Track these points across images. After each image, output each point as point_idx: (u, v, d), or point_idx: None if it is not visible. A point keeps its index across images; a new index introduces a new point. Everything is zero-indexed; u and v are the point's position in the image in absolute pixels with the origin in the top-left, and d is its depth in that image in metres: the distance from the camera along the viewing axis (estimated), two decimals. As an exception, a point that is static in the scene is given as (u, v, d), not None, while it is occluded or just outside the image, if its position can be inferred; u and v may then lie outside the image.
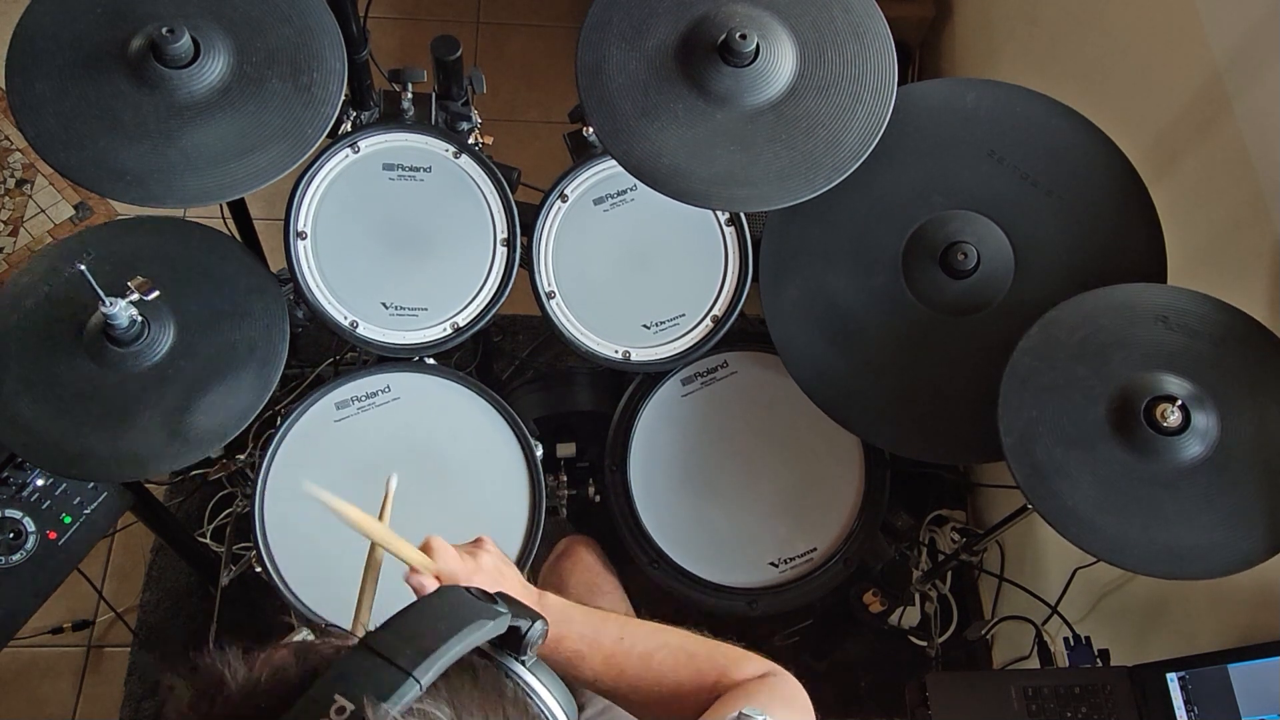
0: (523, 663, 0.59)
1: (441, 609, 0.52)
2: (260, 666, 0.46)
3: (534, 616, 0.60)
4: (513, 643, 0.59)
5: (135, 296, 1.16)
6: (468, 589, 0.55)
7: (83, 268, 1.08)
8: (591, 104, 1.17)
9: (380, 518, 0.95)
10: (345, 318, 1.40)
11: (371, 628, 0.50)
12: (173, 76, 1.13)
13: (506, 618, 0.55)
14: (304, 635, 1.14)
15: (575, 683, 0.86)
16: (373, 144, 1.42)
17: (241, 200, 1.66)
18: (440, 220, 1.43)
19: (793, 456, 1.51)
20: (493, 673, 0.53)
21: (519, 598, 0.85)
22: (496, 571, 0.88)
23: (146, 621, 1.93)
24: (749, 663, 0.85)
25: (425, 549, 0.86)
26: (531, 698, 0.57)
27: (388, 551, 0.83)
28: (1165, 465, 1.08)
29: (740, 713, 0.73)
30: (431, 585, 0.84)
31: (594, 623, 0.88)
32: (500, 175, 1.43)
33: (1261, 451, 1.09)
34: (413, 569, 0.83)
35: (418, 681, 0.45)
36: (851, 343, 1.34)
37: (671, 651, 0.86)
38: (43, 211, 2.33)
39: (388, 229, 1.42)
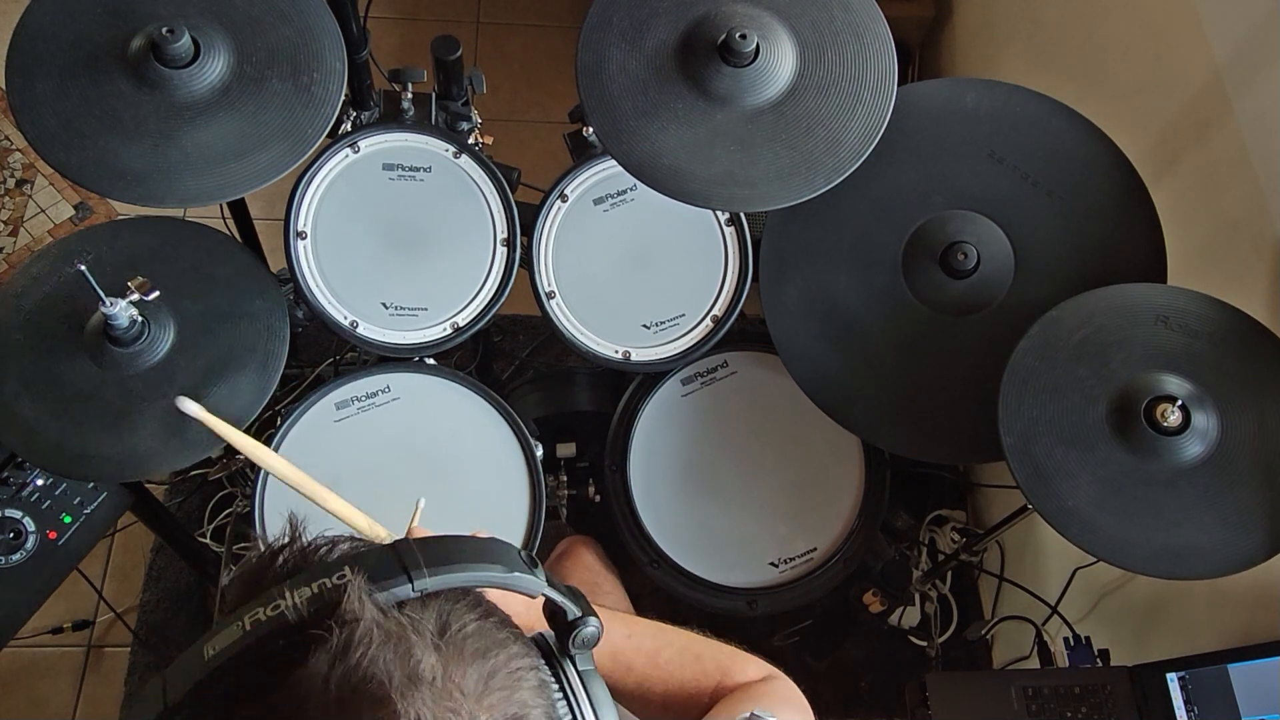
0: (572, 661, 0.56)
1: (476, 545, 0.52)
2: (313, 541, 0.50)
3: (588, 610, 0.58)
4: (564, 638, 0.57)
5: (135, 296, 1.16)
6: (519, 549, 0.54)
7: (82, 268, 1.08)
8: (591, 104, 1.17)
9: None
10: (345, 318, 1.40)
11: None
12: (173, 76, 1.13)
13: (540, 583, 0.54)
14: None
15: None
16: (373, 144, 1.42)
17: (241, 200, 1.66)
18: (440, 220, 1.43)
19: (793, 456, 1.51)
20: (525, 657, 0.51)
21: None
22: None
23: (146, 621, 1.92)
24: (750, 665, 0.85)
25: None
26: (570, 699, 0.54)
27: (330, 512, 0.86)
28: (1165, 465, 1.08)
29: (752, 714, 0.73)
30: None
31: (603, 618, 0.88)
32: (500, 175, 1.43)
33: (1261, 451, 1.09)
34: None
35: (412, 583, 0.47)
36: (851, 343, 1.34)
37: (677, 650, 0.86)
38: (43, 211, 2.33)
39: (388, 229, 1.42)
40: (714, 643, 0.88)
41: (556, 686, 0.53)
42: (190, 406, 0.78)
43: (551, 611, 0.58)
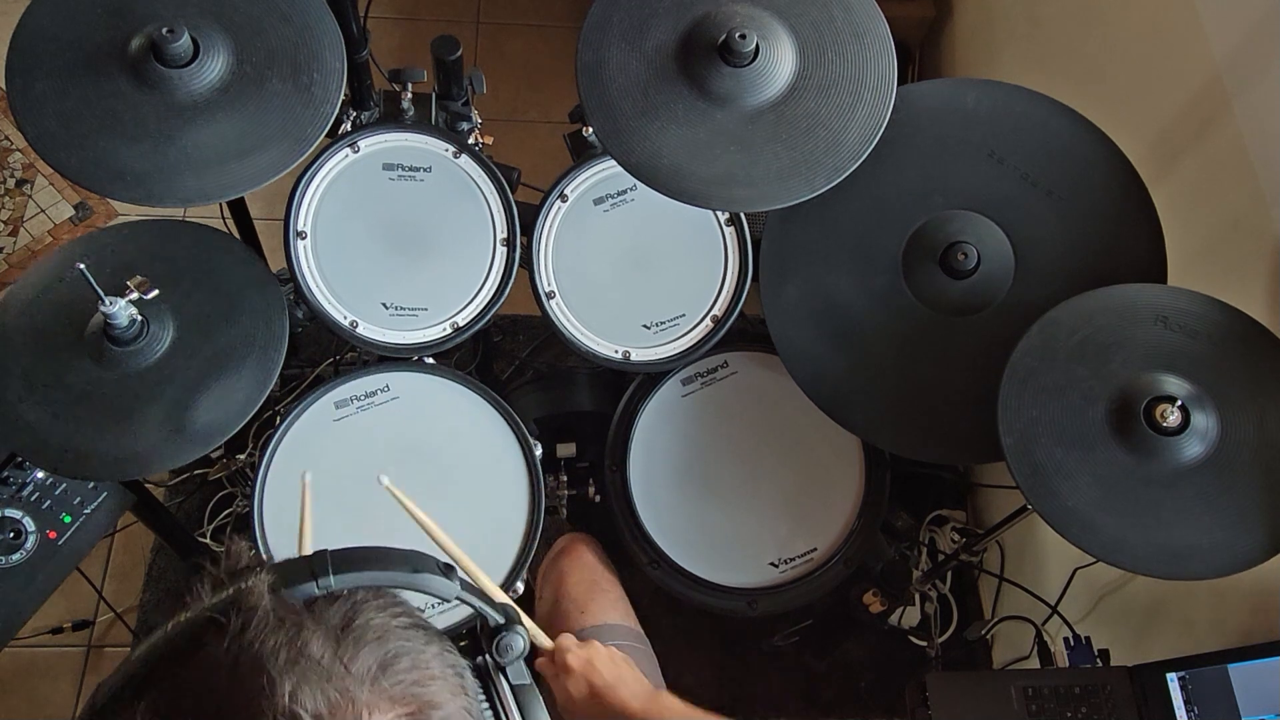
0: (498, 664, 0.59)
1: (392, 552, 0.55)
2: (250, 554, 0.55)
3: (514, 619, 0.61)
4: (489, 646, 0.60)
5: (135, 296, 1.16)
6: (437, 560, 0.57)
7: (82, 267, 1.08)
8: (591, 104, 1.17)
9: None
10: (345, 318, 1.40)
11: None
12: (173, 76, 1.13)
13: (451, 587, 0.57)
14: None
15: None
16: (373, 144, 1.42)
17: (241, 200, 1.66)
18: (440, 220, 1.43)
19: (793, 456, 1.51)
20: (442, 656, 0.52)
21: (633, 692, 0.93)
22: (611, 660, 0.95)
23: (146, 621, 1.92)
24: None
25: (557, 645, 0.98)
26: (496, 707, 0.57)
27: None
28: (1165, 465, 1.08)
29: None
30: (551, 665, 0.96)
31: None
32: (500, 175, 1.43)
33: (1261, 451, 1.09)
34: (538, 650, 0.95)
35: (316, 580, 0.51)
36: (851, 343, 1.34)
37: None
38: (43, 211, 2.33)
39: (388, 229, 1.42)
40: None
41: (483, 696, 0.56)
42: (387, 481, 0.84)
43: (482, 624, 0.61)
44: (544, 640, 0.98)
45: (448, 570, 0.57)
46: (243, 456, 1.89)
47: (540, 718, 0.58)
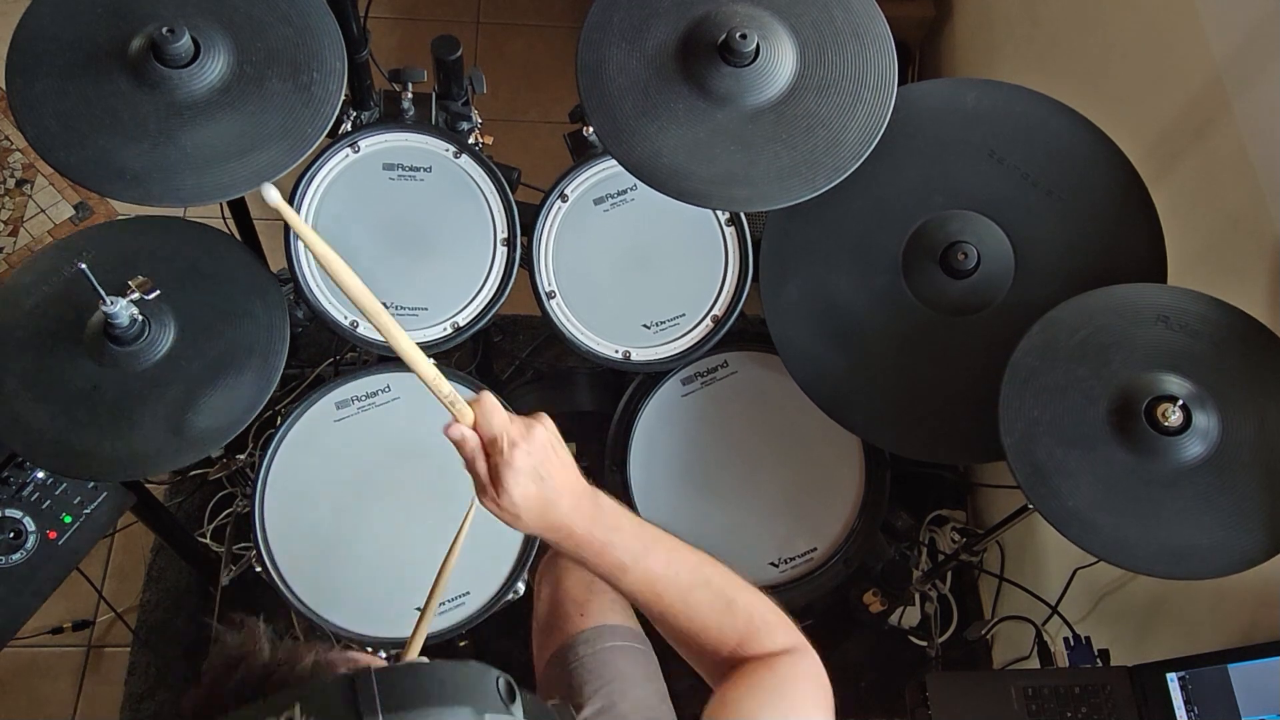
0: None
1: (445, 679, 0.48)
2: (279, 654, 0.48)
3: None
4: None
5: (136, 296, 1.16)
6: (497, 677, 0.50)
7: (83, 267, 1.08)
8: (591, 104, 1.17)
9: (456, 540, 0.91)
10: (345, 318, 1.40)
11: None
12: (173, 76, 1.13)
13: None
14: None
15: (615, 590, 0.84)
16: (373, 144, 1.42)
17: (241, 200, 1.67)
18: (440, 220, 1.43)
19: (793, 456, 1.51)
20: None
21: (570, 489, 0.83)
22: (549, 449, 0.82)
23: (146, 621, 1.92)
24: (779, 631, 0.82)
25: (475, 405, 0.82)
26: None
27: (424, 381, 0.79)
28: (1166, 465, 1.08)
29: None
30: (470, 439, 0.80)
31: (644, 540, 0.85)
32: (500, 175, 1.43)
33: (1261, 451, 1.09)
34: (454, 419, 0.80)
35: None
36: (851, 343, 1.34)
37: (711, 593, 0.83)
38: (43, 211, 2.33)
39: (388, 229, 1.42)
40: (751, 595, 0.84)
41: None
42: (272, 195, 0.73)
43: None
44: (464, 410, 0.82)
45: (508, 693, 0.50)
46: (243, 456, 1.89)
47: None
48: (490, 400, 0.83)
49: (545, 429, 0.83)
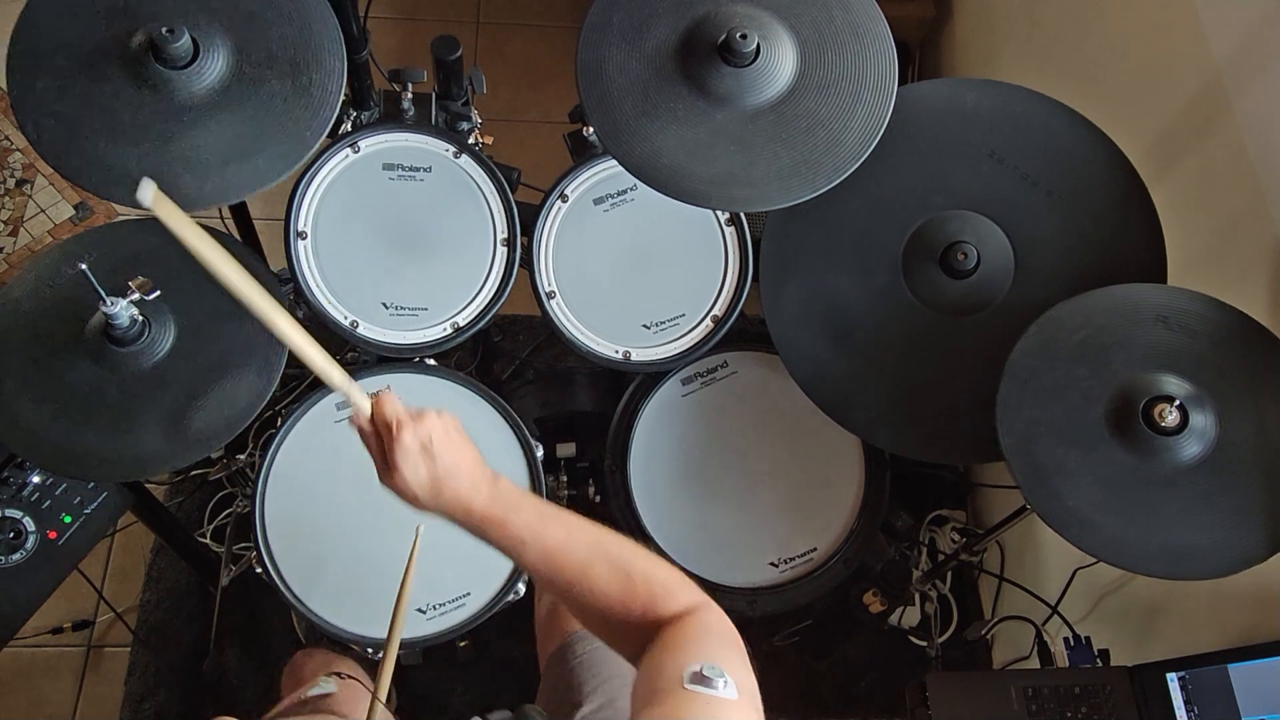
0: None
1: None
2: None
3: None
4: None
5: (136, 296, 1.16)
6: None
7: (84, 267, 1.08)
8: (591, 104, 1.17)
9: (406, 574, 1.00)
10: (345, 318, 1.40)
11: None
12: (172, 76, 1.13)
13: None
14: (321, 686, 1.15)
15: (518, 564, 0.89)
16: (373, 144, 1.42)
17: (242, 200, 1.66)
18: (440, 220, 1.43)
19: (793, 456, 1.51)
20: None
21: (467, 472, 0.86)
22: (442, 433, 0.88)
23: (146, 621, 1.92)
24: (681, 592, 0.84)
25: (374, 397, 0.90)
26: None
27: (315, 372, 0.87)
28: (1165, 465, 1.08)
29: (700, 671, 0.72)
30: (366, 425, 0.89)
31: (544, 518, 0.89)
32: (500, 175, 1.43)
33: (1261, 451, 1.09)
34: (356, 411, 0.89)
35: None
36: (851, 343, 1.34)
37: (608, 566, 0.85)
38: (43, 211, 2.33)
39: (388, 229, 1.42)
40: (650, 562, 0.87)
41: None
42: (147, 192, 0.75)
43: None
44: (361, 401, 0.89)
45: None
46: (243, 456, 1.89)
47: None
48: (389, 394, 0.90)
49: (439, 416, 0.90)
